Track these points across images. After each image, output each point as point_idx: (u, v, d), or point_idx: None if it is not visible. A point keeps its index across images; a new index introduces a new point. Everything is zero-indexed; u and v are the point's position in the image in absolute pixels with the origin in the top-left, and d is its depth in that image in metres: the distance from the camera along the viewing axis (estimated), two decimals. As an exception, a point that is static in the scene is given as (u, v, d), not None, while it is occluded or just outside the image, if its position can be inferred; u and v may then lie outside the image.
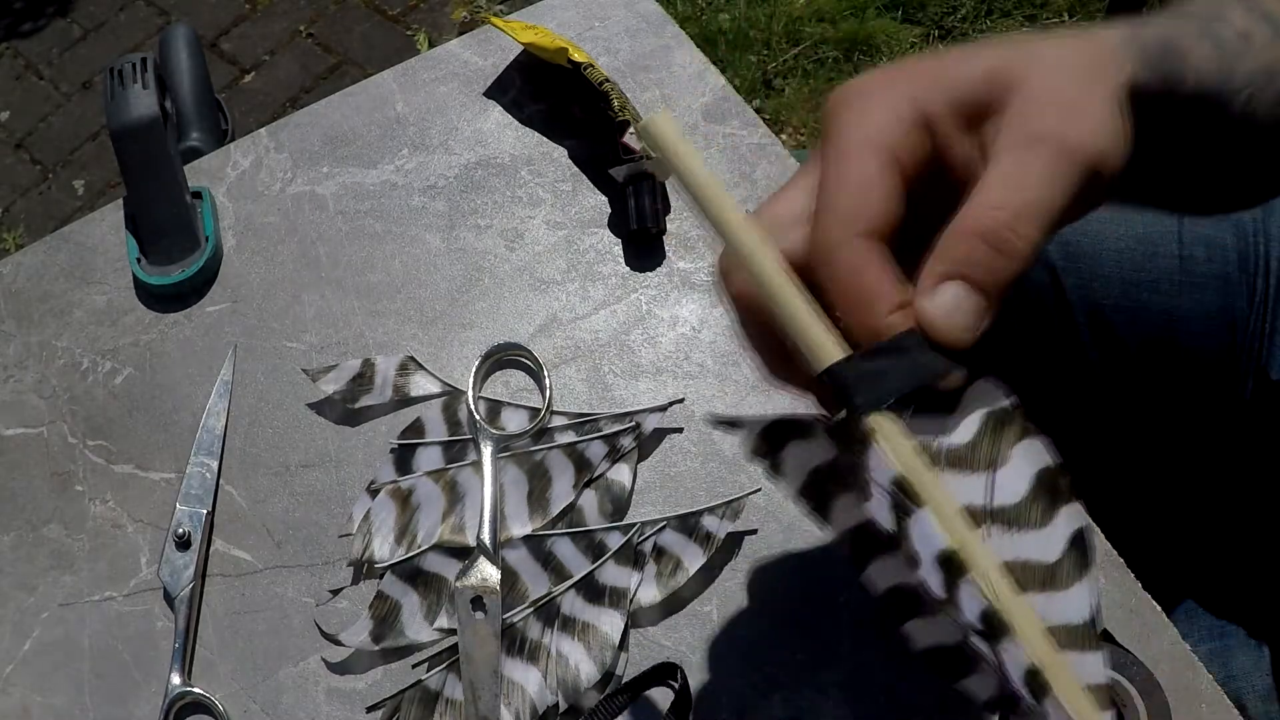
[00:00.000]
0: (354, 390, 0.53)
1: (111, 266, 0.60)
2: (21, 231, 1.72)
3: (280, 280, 0.58)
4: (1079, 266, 0.64)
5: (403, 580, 0.48)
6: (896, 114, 0.30)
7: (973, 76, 0.31)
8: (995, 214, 0.29)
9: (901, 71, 0.31)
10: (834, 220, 0.30)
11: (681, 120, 0.61)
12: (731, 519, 0.48)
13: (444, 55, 0.66)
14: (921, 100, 0.30)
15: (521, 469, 0.50)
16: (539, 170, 0.61)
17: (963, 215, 0.29)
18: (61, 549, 0.52)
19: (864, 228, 0.29)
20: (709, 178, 0.31)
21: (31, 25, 1.99)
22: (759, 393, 0.52)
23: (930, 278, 0.29)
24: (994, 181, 0.29)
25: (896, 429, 0.29)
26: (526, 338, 0.55)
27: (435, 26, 1.83)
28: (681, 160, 0.31)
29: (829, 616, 0.46)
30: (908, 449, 0.29)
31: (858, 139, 0.30)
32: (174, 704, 0.47)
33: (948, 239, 0.29)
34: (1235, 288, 0.62)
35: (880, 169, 0.30)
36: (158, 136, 0.58)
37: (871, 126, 0.30)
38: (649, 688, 0.45)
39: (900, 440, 0.29)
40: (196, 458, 0.53)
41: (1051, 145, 0.29)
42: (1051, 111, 0.30)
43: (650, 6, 0.66)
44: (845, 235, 0.29)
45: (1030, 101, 0.30)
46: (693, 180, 0.31)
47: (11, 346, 0.58)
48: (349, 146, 0.63)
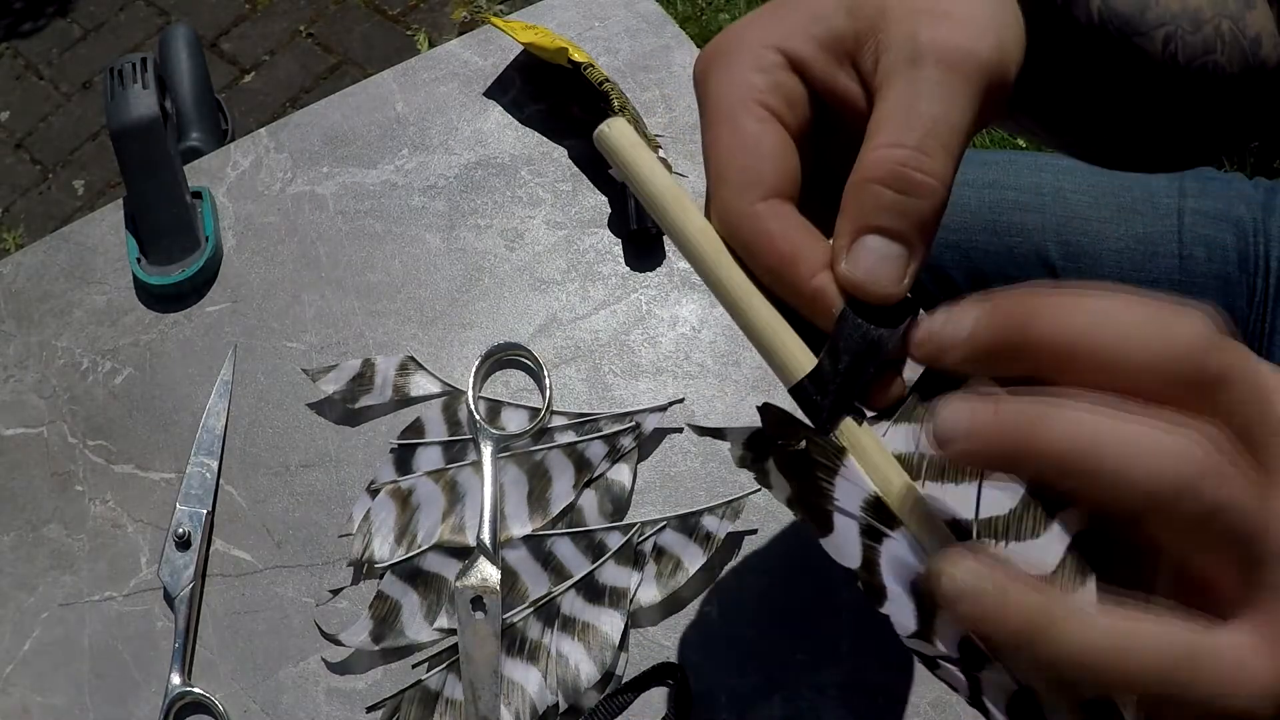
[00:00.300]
0: (354, 390, 0.53)
1: (111, 266, 0.60)
2: (21, 231, 1.72)
3: (280, 280, 0.59)
4: (1079, 266, 0.64)
5: (403, 580, 0.48)
6: (761, 64, 0.28)
7: (835, 8, 0.28)
8: (893, 152, 0.26)
9: (761, 17, 0.29)
10: (729, 190, 0.28)
11: (681, 120, 0.61)
12: (731, 519, 0.48)
13: (444, 55, 0.66)
14: (786, 45, 0.28)
15: (521, 469, 0.50)
16: (539, 170, 0.61)
17: (861, 161, 0.27)
18: (61, 549, 0.52)
19: (761, 192, 0.27)
20: (666, 185, 0.29)
21: (31, 25, 1.99)
22: (759, 392, 0.52)
23: (843, 236, 0.27)
24: (884, 116, 0.27)
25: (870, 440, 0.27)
26: (526, 338, 0.55)
27: (435, 26, 1.83)
28: (635, 168, 0.30)
29: (829, 616, 0.46)
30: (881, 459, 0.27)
31: (729, 100, 0.28)
32: (174, 704, 0.47)
33: (851, 190, 0.27)
34: (1235, 288, 0.62)
35: (759, 126, 0.28)
36: (158, 136, 0.58)
37: (740, 84, 0.28)
38: (649, 688, 0.45)
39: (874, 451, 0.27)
40: (196, 458, 0.53)
41: (933, 60, 0.26)
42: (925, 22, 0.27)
43: (650, 6, 0.66)
44: (742, 203, 0.27)
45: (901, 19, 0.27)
46: (648, 189, 0.29)
47: (11, 346, 0.58)
48: (349, 146, 0.63)
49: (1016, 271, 0.66)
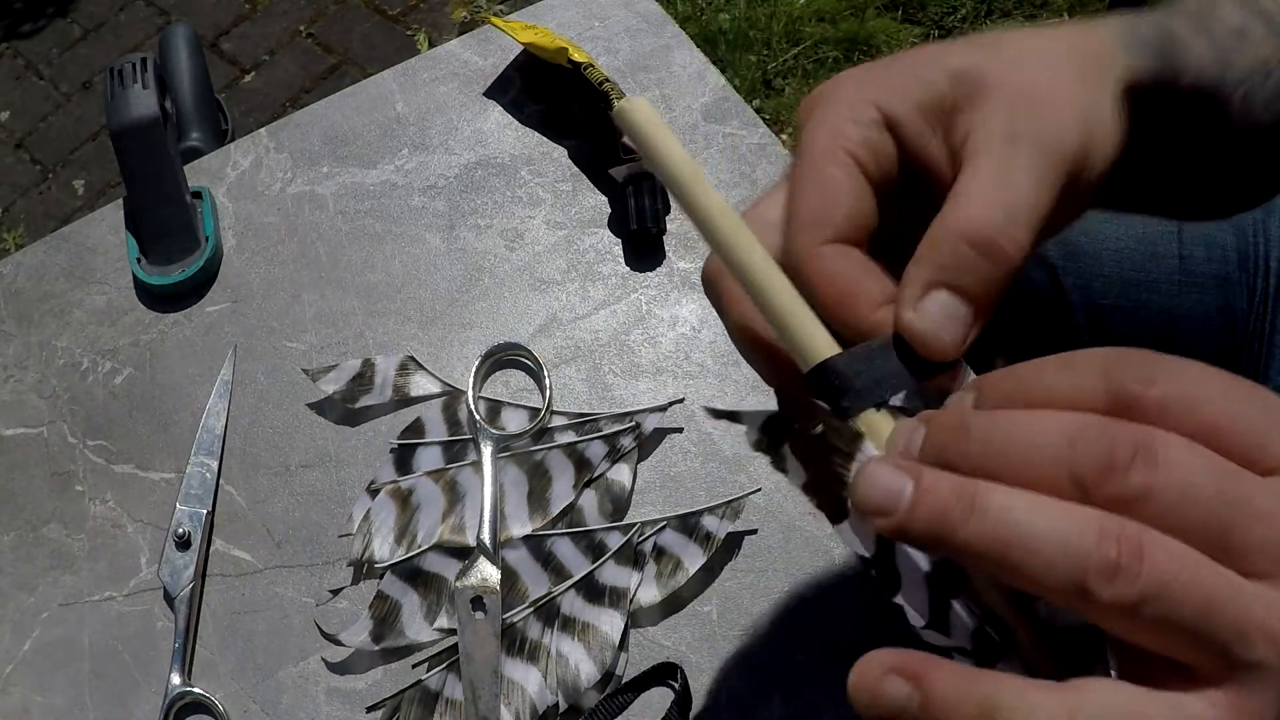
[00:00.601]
0: (354, 390, 0.53)
1: (111, 266, 0.60)
2: (21, 231, 1.72)
3: (280, 280, 0.59)
4: (1079, 266, 0.64)
5: (403, 580, 0.48)
6: (857, 117, 0.29)
7: (939, 76, 0.29)
8: (984, 215, 0.27)
9: (870, 71, 0.30)
10: (800, 227, 0.29)
11: (681, 120, 0.61)
12: (731, 519, 0.48)
13: (444, 55, 0.66)
14: (885, 102, 0.29)
15: (521, 469, 0.50)
16: (539, 170, 0.61)
17: (945, 218, 0.27)
18: (61, 549, 0.52)
19: (831, 234, 0.28)
20: (687, 164, 0.29)
21: (31, 25, 1.99)
22: (760, 392, 0.52)
23: (914, 285, 0.27)
24: (975, 182, 0.27)
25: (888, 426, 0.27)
26: (526, 338, 0.55)
27: (435, 26, 1.83)
28: (658, 147, 0.29)
29: (829, 616, 0.46)
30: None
31: (820, 145, 0.29)
32: (174, 704, 0.47)
33: (930, 243, 0.27)
34: (1235, 288, 0.62)
35: (840, 172, 0.29)
36: (158, 136, 0.58)
37: (833, 131, 0.29)
38: (649, 688, 0.45)
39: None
40: (196, 458, 0.53)
41: (1031, 142, 0.27)
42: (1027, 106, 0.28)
43: (650, 6, 0.66)
44: (812, 242, 0.28)
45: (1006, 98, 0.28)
46: (669, 167, 0.29)
47: (11, 346, 0.58)
48: (349, 146, 0.63)
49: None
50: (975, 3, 1.68)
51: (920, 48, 0.30)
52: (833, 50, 1.65)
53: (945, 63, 0.30)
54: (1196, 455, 0.21)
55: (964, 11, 1.67)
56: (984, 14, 1.67)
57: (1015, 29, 0.30)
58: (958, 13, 1.68)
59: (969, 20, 1.67)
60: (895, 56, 0.31)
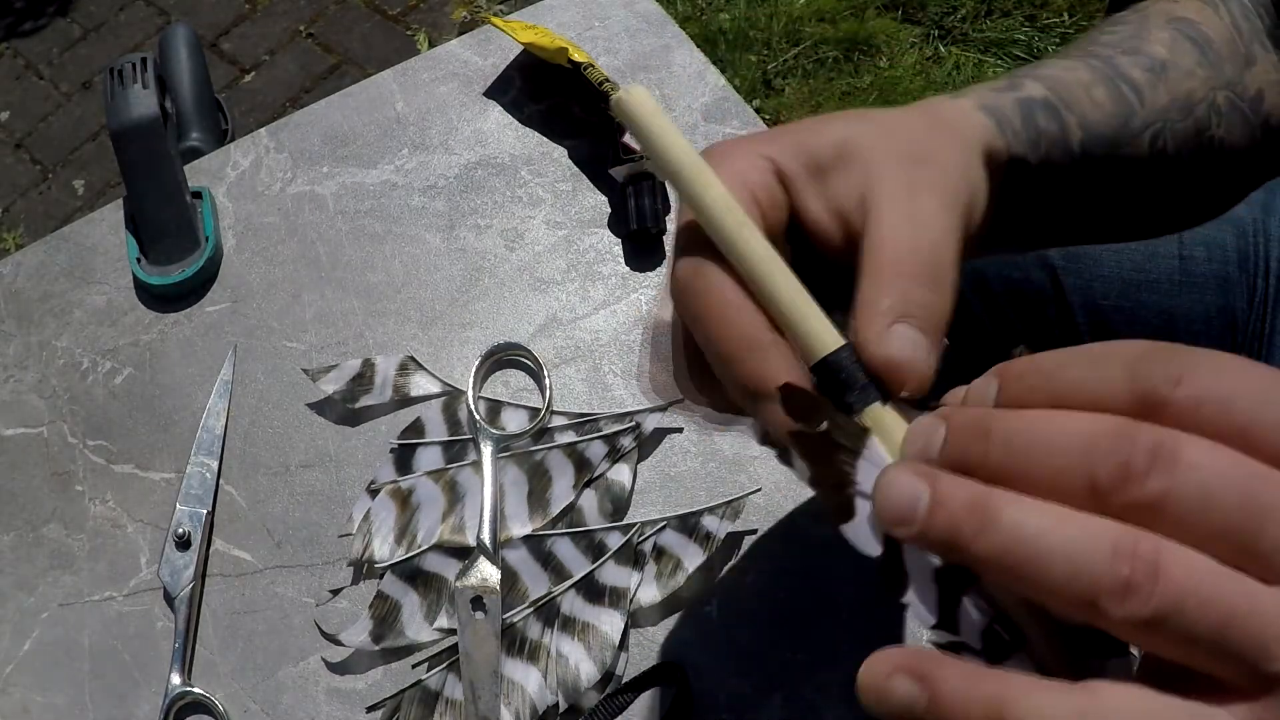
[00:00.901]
0: (354, 390, 0.53)
1: (111, 266, 0.60)
2: (21, 231, 1.72)
3: (280, 280, 0.59)
4: (1079, 266, 0.64)
5: (403, 580, 0.48)
6: (753, 165, 0.30)
7: (821, 142, 0.31)
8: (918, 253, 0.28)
9: (756, 137, 0.32)
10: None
11: (682, 120, 0.61)
12: (731, 519, 0.48)
13: (444, 55, 0.66)
14: (775, 156, 0.31)
15: (521, 469, 0.50)
16: (539, 170, 0.61)
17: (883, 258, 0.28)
18: (61, 549, 0.52)
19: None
20: (685, 153, 0.29)
21: (31, 25, 1.99)
22: (759, 393, 0.52)
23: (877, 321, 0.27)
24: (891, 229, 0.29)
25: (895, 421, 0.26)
26: (526, 338, 0.55)
27: (435, 26, 1.83)
28: (654, 136, 0.29)
29: (829, 616, 0.46)
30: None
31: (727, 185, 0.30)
32: (174, 704, 0.47)
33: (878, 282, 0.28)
34: (1235, 288, 0.62)
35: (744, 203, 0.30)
36: (158, 136, 0.58)
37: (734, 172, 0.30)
38: (649, 688, 0.45)
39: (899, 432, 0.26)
40: (196, 458, 0.53)
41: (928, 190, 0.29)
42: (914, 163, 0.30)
43: (650, 6, 0.66)
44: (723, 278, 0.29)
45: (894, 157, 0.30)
46: (666, 157, 0.29)
47: (11, 346, 0.58)
48: (349, 146, 0.63)
49: (1017, 273, 0.66)
50: (975, 3, 1.68)
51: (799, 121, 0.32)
52: (833, 50, 1.65)
53: (824, 131, 0.31)
54: (1219, 457, 0.20)
55: (964, 11, 1.67)
56: (984, 14, 1.67)
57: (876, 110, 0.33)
58: (958, 13, 1.68)
59: (969, 20, 1.67)
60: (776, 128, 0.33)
